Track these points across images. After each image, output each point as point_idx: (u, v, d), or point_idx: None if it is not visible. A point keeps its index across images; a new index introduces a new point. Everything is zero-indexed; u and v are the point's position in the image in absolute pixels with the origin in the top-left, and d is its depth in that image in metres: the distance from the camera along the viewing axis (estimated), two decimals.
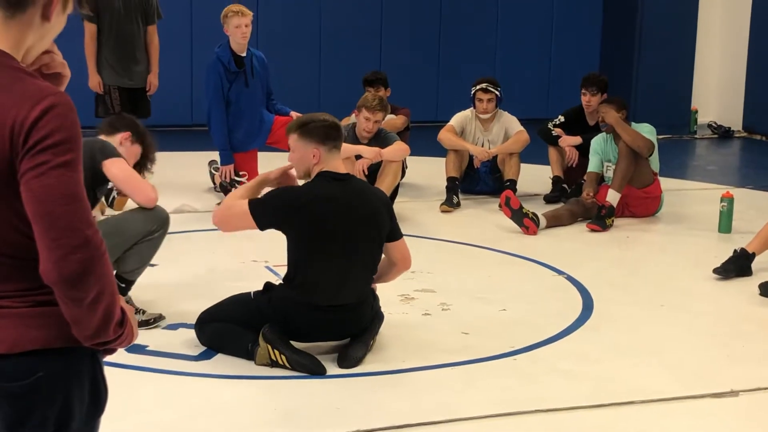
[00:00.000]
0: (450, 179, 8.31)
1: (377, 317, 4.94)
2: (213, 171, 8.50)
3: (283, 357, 4.57)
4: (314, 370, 4.59)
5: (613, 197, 7.63)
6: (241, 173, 8.13)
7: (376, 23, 12.44)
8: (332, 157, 4.70)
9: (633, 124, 7.94)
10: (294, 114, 8.29)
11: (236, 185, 8.09)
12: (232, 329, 4.77)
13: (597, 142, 8.06)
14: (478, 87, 8.51)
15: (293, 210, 4.62)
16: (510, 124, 8.53)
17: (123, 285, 5.06)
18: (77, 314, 2.04)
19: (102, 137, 5.15)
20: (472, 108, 8.57)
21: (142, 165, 5.33)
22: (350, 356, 4.70)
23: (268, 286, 4.84)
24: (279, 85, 8.94)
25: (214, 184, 8.41)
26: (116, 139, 5.18)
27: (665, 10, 12.84)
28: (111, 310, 2.06)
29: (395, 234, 4.85)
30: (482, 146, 8.56)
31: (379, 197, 4.89)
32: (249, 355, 4.67)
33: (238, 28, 7.91)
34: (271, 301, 4.72)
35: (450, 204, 8.12)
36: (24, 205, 2.01)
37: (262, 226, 4.67)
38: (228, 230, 5.00)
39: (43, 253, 2.00)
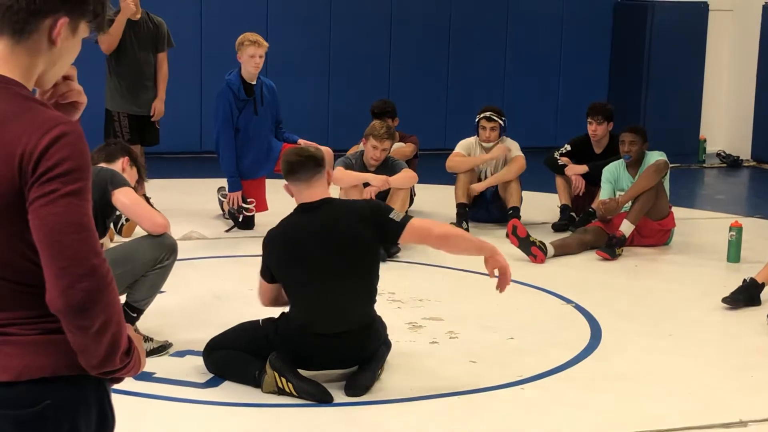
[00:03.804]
0: (459, 205, 8.31)
1: (385, 345, 4.93)
2: (221, 198, 8.51)
3: (290, 385, 4.57)
4: (321, 398, 4.58)
5: (627, 228, 7.61)
6: (249, 200, 8.15)
7: (385, 51, 12.47)
8: (302, 189, 4.72)
9: (646, 152, 7.94)
10: (302, 142, 8.31)
11: (244, 212, 8.11)
12: (239, 356, 4.77)
13: (609, 171, 8.05)
14: (482, 115, 8.50)
15: (269, 250, 4.77)
16: (510, 150, 8.50)
17: (134, 315, 5.07)
18: (83, 343, 2.04)
19: (103, 165, 5.18)
20: (476, 136, 8.57)
21: (138, 184, 5.43)
22: (358, 384, 4.69)
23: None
24: (288, 112, 8.96)
25: (223, 210, 8.42)
26: (118, 166, 5.25)
27: (674, 39, 12.86)
28: (117, 340, 2.06)
29: (396, 229, 4.66)
30: (484, 174, 8.56)
31: (359, 213, 4.75)
32: (256, 382, 4.67)
33: (252, 58, 7.94)
34: (278, 329, 4.73)
35: (459, 223, 8.10)
36: (32, 233, 2.02)
37: (269, 278, 4.83)
38: (269, 301, 4.94)
39: (49, 281, 2.01)
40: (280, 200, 8.20)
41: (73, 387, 2.12)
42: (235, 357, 4.78)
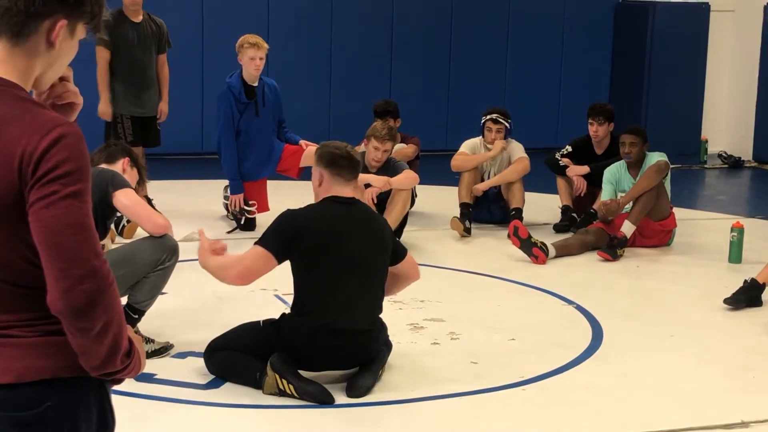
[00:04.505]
0: (463, 205, 8.32)
1: (385, 346, 4.93)
2: (224, 201, 8.50)
3: (291, 386, 4.56)
4: (322, 399, 4.58)
5: (628, 229, 7.61)
6: (250, 202, 8.14)
7: (386, 51, 12.48)
8: (337, 183, 4.74)
9: (647, 153, 7.94)
10: (303, 142, 8.31)
11: (246, 214, 8.11)
12: (240, 358, 4.77)
13: (611, 172, 8.05)
14: (488, 117, 8.50)
15: (294, 233, 4.65)
16: (513, 151, 8.51)
17: (135, 316, 5.07)
18: (84, 345, 2.04)
19: (104, 166, 5.18)
20: (481, 137, 8.57)
21: (139, 186, 5.43)
22: (359, 385, 4.69)
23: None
24: (289, 113, 8.96)
25: (227, 211, 8.41)
26: (118, 167, 5.24)
27: (675, 40, 12.86)
28: (118, 341, 2.06)
29: (401, 253, 4.95)
30: (488, 174, 8.56)
31: (384, 221, 5.06)
32: (257, 384, 4.67)
33: (253, 60, 7.92)
34: (280, 329, 4.73)
35: (462, 221, 8.11)
36: (32, 235, 2.02)
37: (278, 256, 4.66)
38: (251, 280, 4.79)
39: (50, 283, 2.01)
40: (281, 201, 8.22)
41: (73, 389, 2.12)
42: (236, 358, 4.78)
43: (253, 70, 7.98)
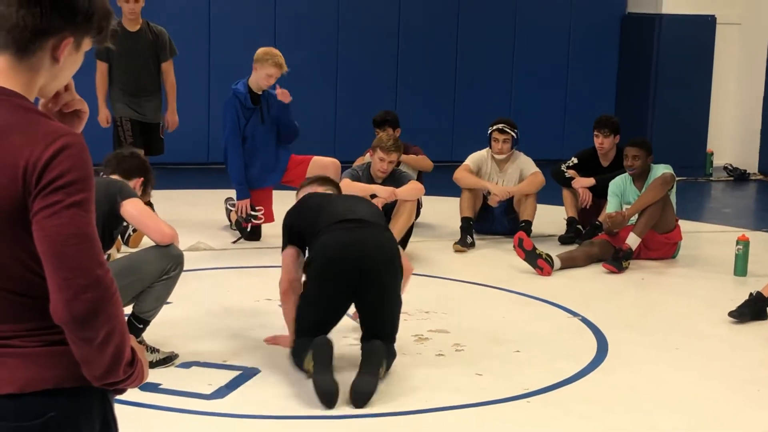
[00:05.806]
0: (464, 219, 8.30)
1: (390, 352, 4.99)
2: (229, 208, 8.51)
3: (311, 367, 4.70)
4: (325, 397, 4.58)
5: (633, 241, 7.60)
6: (257, 208, 8.15)
7: (392, 63, 12.50)
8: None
9: (652, 165, 7.94)
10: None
11: (252, 220, 8.11)
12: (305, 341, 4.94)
13: (616, 184, 8.04)
14: (494, 127, 8.51)
15: (288, 217, 5.42)
16: (525, 165, 8.52)
17: (140, 326, 5.06)
18: (87, 354, 2.04)
19: (116, 177, 5.18)
20: (488, 148, 8.57)
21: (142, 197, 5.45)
22: (361, 392, 4.66)
23: None
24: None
25: (230, 221, 8.41)
26: (131, 184, 5.22)
27: (681, 53, 12.86)
28: (121, 350, 2.06)
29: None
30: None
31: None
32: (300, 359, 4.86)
33: (270, 78, 7.92)
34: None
35: (464, 244, 8.10)
36: (36, 245, 2.02)
37: (295, 244, 5.29)
38: (290, 276, 5.24)
39: (53, 292, 2.01)
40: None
41: (76, 399, 2.12)
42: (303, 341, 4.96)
43: (264, 84, 7.98)
